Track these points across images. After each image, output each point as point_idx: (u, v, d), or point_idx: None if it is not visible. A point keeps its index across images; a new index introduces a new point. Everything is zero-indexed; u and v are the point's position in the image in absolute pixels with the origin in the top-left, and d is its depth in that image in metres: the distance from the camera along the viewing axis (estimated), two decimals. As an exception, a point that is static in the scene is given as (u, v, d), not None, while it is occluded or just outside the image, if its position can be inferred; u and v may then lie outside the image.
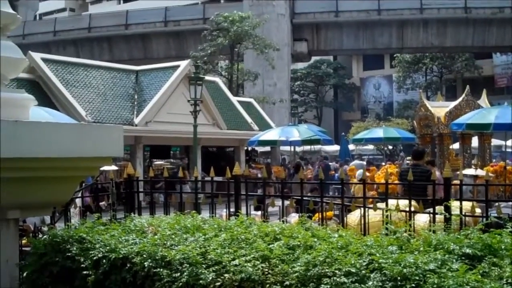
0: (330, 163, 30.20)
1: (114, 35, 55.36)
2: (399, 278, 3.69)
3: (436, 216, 5.99)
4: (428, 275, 3.65)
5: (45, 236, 5.37)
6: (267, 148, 33.64)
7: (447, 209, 5.64)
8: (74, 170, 5.10)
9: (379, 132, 27.35)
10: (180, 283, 4.13)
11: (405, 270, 3.72)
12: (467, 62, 58.53)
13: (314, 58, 62.20)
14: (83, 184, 7.42)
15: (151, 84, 26.80)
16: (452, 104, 16.14)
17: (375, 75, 69.62)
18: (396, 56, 60.00)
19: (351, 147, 37.11)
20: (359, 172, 14.83)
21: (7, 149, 4.34)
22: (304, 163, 30.41)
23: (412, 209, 6.30)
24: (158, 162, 31.64)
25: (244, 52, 43.55)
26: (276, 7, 48.75)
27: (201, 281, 4.07)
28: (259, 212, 8.04)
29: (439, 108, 16.21)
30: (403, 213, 6.44)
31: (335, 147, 37.54)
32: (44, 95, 23.25)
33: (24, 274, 5.11)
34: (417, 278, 3.67)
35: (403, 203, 6.61)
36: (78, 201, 6.60)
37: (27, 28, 55.07)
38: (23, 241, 6.17)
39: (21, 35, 53.11)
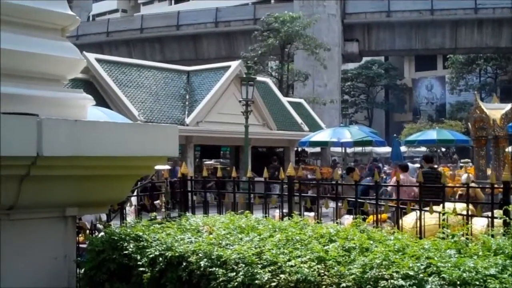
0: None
1: (166, 35, 56.02)
2: (458, 282, 3.62)
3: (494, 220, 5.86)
4: (489, 280, 3.58)
5: (102, 234, 5.46)
6: (317, 149, 33.53)
7: (507, 213, 5.51)
8: (131, 169, 5.17)
9: (432, 134, 26.98)
10: (236, 283, 4.14)
11: (464, 274, 3.65)
12: (523, 63, 57.22)
13: (365, 59, 61.73)
14: (139, 183, 7.51)
15: (202, 85, 27.01)
16: (508, 106, 15.76)
17: (427, 76, 68.68)
18: (449, 57, 59.03)
19: (403, 149, 36.66)
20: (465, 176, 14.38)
21: (67, 147, 4.43)
22: (354, 165, 30.22)
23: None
24: (208, 162, 31.89)
25: (295, 52, 43.48)
26: (327, 7, 48.56)
27: (256, 281, 4.07)
28: (311, 213, 8.02)
29: (495, 110, 15.85)
30: (459, 217, 6.33)
31: (387, 149, 37.16)
32: (98, 94, 23.65)
33: (82, 270, 5.20)
34: (477, 283, 3.59)
35: (459, 206, 6.49)
36: (133, 199, 6.69)
37: (80, 29, 56.14)
38: (80, 238, 6.29)
39: (75, 35, 54.19)
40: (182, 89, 26.99)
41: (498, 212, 5.85)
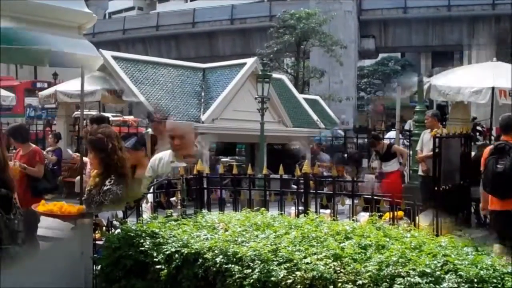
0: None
1: (181, 33, 56.07)
2: (475, 280, 3.60)
3: None
4: (507, 278, 3.55)
5: (118, 230, 5.48)
6: (333, 146, 33.40)
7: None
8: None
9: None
10: (252, 280, 4.14)
11: (482, 272, 3.63)
12: (541, 59, 56.61)
13: (381, 55, 61.43)
14: (155, 180, 7.53)
15: (218, 82, 26.95)
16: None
17: (444, 73, 68.12)
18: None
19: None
20: None
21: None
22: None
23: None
24: (224, 159, 31.89)
25: (310, 49, 43.32)
26: (343, 4, 48.35)
27: (272, 278, 4.07)
28: (327, 211, 7.99)
29: (513, 107, 15.74)
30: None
31: (403, 145, 36.94)
32: (115, 92, 23.69)
33: (98, 267, 5.23)
34: (494, 281, 3.57)
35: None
36: (149, 196, 6.70)
37: (97, 27, 56.17)
38: (97, 235, 6.30)
39: (91, 33, 54.32)
40: (197, 86, 26.96)
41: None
